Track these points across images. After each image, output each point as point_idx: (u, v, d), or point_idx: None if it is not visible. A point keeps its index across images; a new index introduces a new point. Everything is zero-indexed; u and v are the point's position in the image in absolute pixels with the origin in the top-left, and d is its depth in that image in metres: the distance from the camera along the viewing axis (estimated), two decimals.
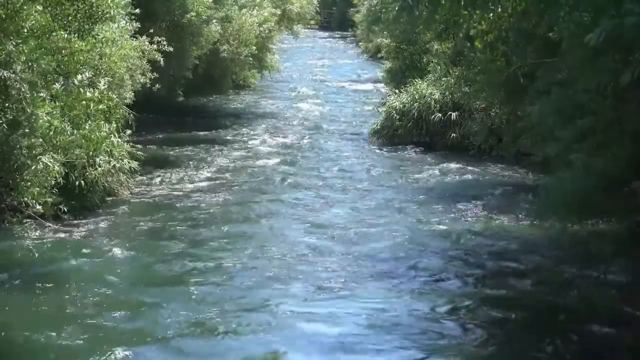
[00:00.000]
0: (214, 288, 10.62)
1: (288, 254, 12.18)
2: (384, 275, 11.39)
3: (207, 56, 23.04)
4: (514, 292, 10.78)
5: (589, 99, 8.94)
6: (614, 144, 9.10)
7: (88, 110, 13.34)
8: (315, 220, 14.22)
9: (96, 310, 9.68)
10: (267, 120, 25.56)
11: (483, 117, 19.03)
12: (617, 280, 10.97)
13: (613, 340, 9.18)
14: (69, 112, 13.01)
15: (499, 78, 11.91)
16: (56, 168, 11.86)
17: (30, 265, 11.16)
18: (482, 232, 13.47)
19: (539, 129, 10.91)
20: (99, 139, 13.38)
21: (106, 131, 13.70)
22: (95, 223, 13.27)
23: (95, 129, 13.38)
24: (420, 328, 9.59)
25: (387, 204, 15.52)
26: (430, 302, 10.33)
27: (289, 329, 9.50)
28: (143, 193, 15.58)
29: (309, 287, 10.84)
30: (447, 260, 12.08)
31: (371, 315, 9.89)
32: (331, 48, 52.41)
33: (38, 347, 8.70)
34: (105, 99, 13.66)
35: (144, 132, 19.16)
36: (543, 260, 11.96)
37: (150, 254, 11.97)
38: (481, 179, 17.64)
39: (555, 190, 9.94)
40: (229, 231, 13.36)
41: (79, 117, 13.15)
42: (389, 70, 26.53)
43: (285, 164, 19.05)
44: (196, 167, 18.25)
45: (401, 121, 20.96)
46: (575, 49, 8.74)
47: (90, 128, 13.25)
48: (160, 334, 9.18)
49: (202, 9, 20.51)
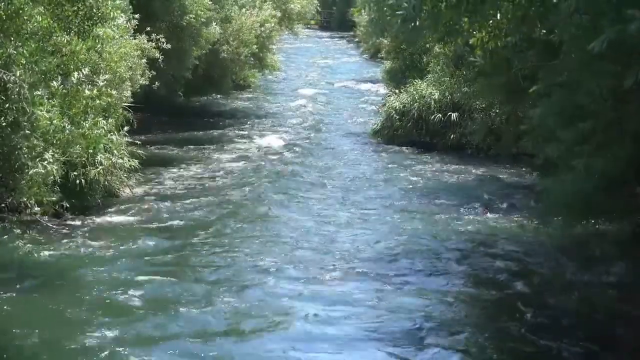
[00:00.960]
0: (214, 288, 10.62)
1: (287, 254, 12.19)
2: (383, 274, 11.39)
3: (207, 56, 23.04)
4: (514, 292, 10.78)
5: (590, 101, 8.95)
6: (614, 145, 9.11)
7: (87, 107, 13.33)
8: (315, 220, 14.23)
9: (96, 310, 9.67)
10: (267, 120, 25.57)
11: (483, 117, 19.05)
12: (618, 280, 10.96)
13: (614, 341, 9.20)
14: (69, 110, 13.00)
15: (499, 80, 11.92)
16: (56, 167, 11.84)
17: (30, 265, 11.15)
18: (482, 233, 13.47)
19: (540, 130, 10.91)
20: (98, 137, 13.36)
21: (105, 128, 13.68)
22: (96, 222, 13.28)
23: (94, 126, 13.36)
24: (419, 328, 9.59)
25: (387, 203, 15.53)
26: (430, 302, 10.33)
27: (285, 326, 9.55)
28: (144, 192, 15.58)
29: (308, 286, 10.85)
30: (447, 261, 12.08)
31: (371, 315, 9.92)
32: (331, 48, 52.39)
33: (38, 347, 8.69)
34: (104, 95, 13.63)
35: (145, 132, 19.14)
36: (544, 260, 11.96)
37: (151, 253, 11.98)
38: (481, 179, 17.66)
39: (557, 191, 9.94)
40: (230, 230, 13.36)
41: (78, 115, 13.13)
42: (389, 70, 26.52)
43: (285, 164, 19.05)
44: (196, 167, 18.27)
45: (401, 121, 20.99)
46: (575, 51, 8.75)
47: (89, 126, 13.23)
48: (161, 334, 9.18)
49: (201, 10, 20.50)
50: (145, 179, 16.44)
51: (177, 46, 19.66)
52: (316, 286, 10.88)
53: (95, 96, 13.35)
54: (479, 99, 18.55)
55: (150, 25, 17.63)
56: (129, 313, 9.70)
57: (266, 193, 16.23)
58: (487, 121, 18.91)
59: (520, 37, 10.37)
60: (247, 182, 17.06)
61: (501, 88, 12.16)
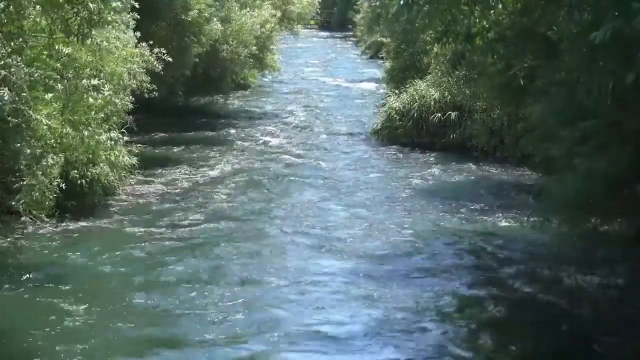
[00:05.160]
0: (215, 287, 10.61)
1: (287, 253, 12.21)
2: (382, 274, 11.39)
3: (207, 56, 23.01)
4: (515, 293, 10.77)
5: (590, 100, 8.92)
6: (615, 145, 9.08)
7: (89, 114, 13.35)
8: (314, 219, 14.24)
9: (96, 311, 9.67)
10: (267, 120, 25.55)
11: (484, 118, 19.02)
12: (620, 281, 10.95)
13: (616, 342, 9.17)
14: (70, 115, 13.00)
15: (499, 79, 11.89)
16: (56, 172, 11.82)
17: (30, 265, 11.15)
18: (482, 233, 13.45)
19: (540, 130, 10.89)
20: (98, 144, 13.36)
21: (106, 131, 13.68)
22: (95, 223, 13.27)
23: (95, 129, 13.37)
24: (418, 328, 9.59)
25: (387, 203, 15.51)
26: (430, 303, 10.32)
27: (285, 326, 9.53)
28: (143, 192, 15.57)
29: (308, 285, 10.85)
30: (447, 261, 12.07)
31: (371, 314, 9.93)
32: (331, 48, 52.39)
33: (37, 347, 8.68)
34: (109, 104, 13.68)
35: (145, 132, 19.11)
36: (544, 261, 11.93)
37: (151, 253, 11.97)
38: (481, 179, 17.63)
39: (558, 192, 9.91)
40: (229, 230, 13.35)
41: (79, 120, 13.14)
42: (389, 71, 26.49)
43: (285, 164, 19.04)
44: (196, 167, 18.25)
45: (401, 121, 20.97)
46: (575, 49, 8.72)
47: (90, 130, 13.23)
48: (161, 334, 9.17)
49: (203, 6, 20.52)
50: (145, 179, 16.42)
51: (177, 44, 19.63)
52: (316, 286, 10.87)
53: (100, 106, 13.36)
54: (479, 100, 18.53)
55: (151, 23, 17.59)
56: (129, 313, 9.69)
57: (266, 192, 16.23)
58: (488, 122, 18.88)
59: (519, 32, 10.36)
60: (247, 182, 17.04)
61: (502, 87, 12.13)
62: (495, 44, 10.73)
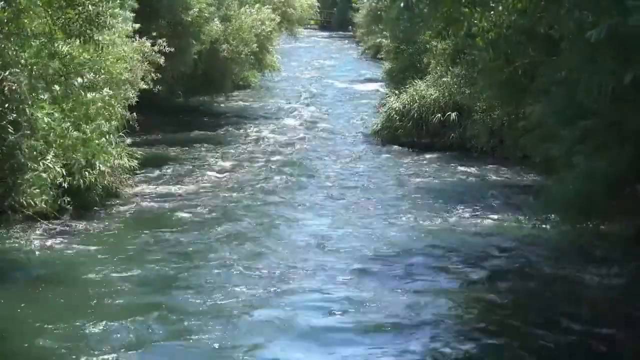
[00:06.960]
0: (215, 287, 10.61)
1: (287, 253, 12.19)
2: (382, 274, 11.39)
3: (207, 56, 23.04)
4: (515, 293, 10.77)
5: (590, 100, 8.91)
6: (615, 145, 9.07)
7: (89, 113, 13.34)
8: (314, 219, 14.26)
9: (97, 311, 9.67)
10: (267, 120, 25.56)
11: (484, 119, 19.03)
12: (620, 281, 10.94)
13: (616, 342, 9.16)
14: (70, 113, 12.99)
15: (499, 77, 11.88)
16: (57, 170, 11.83)
17: (30, 266, 11.17)
18: (482, 233, 13.46)
19: (540, 129, 10.88)
20: (99, 144, 13.37)
21: (106, 131, 13.68)
22: (96, 223, 13.27)
23: (96, 129, 13.37)
24: (416, 327, 9.59)
25: (387, 203, 15.52)
26: (429, 302, 10.31)
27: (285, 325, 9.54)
28: (144, 192, 15.58)
29: (307, 285, 10.86)
30: (447, 261, 12.06)
31: (371, 314, 9.91)
32: (331, 48, 52.41)
33: (38, 347, 8.68)
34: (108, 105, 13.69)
35: (145, 132, 19.10)
36: (544, 261, 11.93)
37: (151, 253, 11.97)
38: (482, 179, 17.64)
39: (557, 192, 9.91)
40: (230, 230, 13.35)
41: (79, 119, 13.13)
42: (389, 71, 26.52)
43: (285, 164, 19.05)
44: (197, 167, 18.26)
45: (401, 121, 20.97)
46: (575, 47, 8.72)
47: (91, 130, 13.23)
48: (161, 335, 9.16)
49: (204, 6, 20.52)
50: (145, 179, 16.44)
51: (178, 43, 19.64)
52: (316, 286, 10.87)
53: (99, 108, 13.36)
54: (480, 100, 18.52)
55: (151, 23, 17.62)
56: (130, 314, 9.67)
57: (266, 193, 16.23)
58: (488, 122, 18.89)
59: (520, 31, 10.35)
60: (247, 182, 17.05)
61: (502, 85, 12.12)
62: (495, 42, 10.73)
